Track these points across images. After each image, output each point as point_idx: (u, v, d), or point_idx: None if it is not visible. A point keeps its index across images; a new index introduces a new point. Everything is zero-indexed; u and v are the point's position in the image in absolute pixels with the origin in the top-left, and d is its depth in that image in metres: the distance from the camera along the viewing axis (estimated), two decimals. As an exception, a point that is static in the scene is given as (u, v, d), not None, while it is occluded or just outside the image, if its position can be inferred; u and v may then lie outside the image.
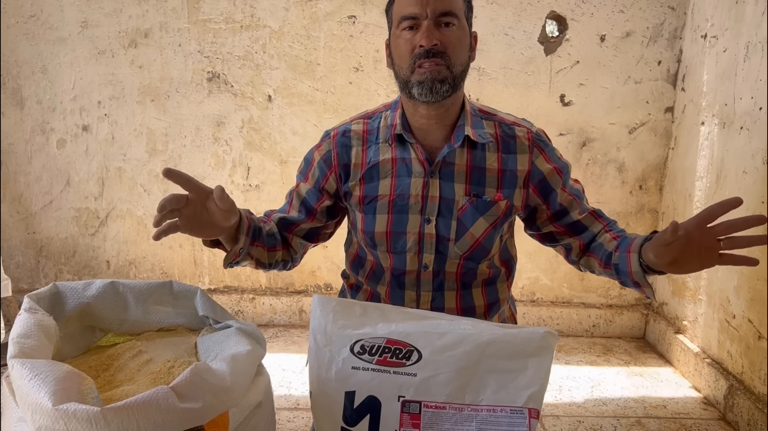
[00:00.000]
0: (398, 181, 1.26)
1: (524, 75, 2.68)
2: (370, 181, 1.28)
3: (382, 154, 1.27)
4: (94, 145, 2.75)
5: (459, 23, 1.17)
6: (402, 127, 1.24)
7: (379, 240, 1.28)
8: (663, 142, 2.74)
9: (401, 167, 1.26)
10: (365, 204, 1.28)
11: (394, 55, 1.22)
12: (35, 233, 2.83)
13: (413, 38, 1.15)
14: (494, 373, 0.99)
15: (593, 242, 1.32)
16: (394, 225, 1.26)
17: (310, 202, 1.33)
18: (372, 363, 0.97)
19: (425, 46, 1.13)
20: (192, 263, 2.86)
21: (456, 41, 1.16)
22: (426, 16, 1.13)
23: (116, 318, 1.11)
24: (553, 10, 2.62)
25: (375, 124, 1.30)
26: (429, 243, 1.26)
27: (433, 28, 1.14)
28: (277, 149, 2.74)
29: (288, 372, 2.34)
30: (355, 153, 1.29)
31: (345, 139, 1.30)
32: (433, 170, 1.24)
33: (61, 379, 0.80)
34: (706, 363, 2.27)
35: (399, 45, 1.18)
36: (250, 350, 0.98)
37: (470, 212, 1.24)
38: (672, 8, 2.61)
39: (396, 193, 1.25)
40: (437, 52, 1.13)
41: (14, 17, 2.62)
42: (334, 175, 1.31)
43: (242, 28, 2.65)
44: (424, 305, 1.29)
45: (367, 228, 1.28)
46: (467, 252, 1.26)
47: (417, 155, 1.24)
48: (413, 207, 1.25)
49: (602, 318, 2.86)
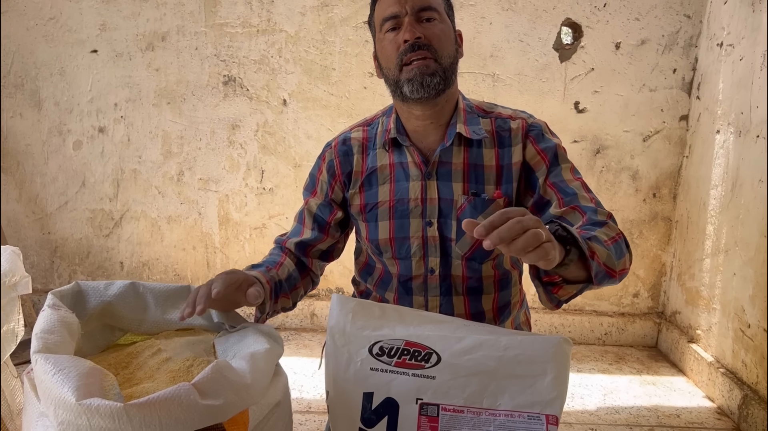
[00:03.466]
0: (397, 186, 1.25)
1: (539, 82, 2.68)
2: (369, 187, 1.27)
3: (380, 160, 1.27)
4: (110, 146, 2.77)
5: (440, 17, 1.17)
6: (396, 130, 1.24)
7: (383, 247, 1.27)
8: (677, 150, 2.73)
9: (399, 171, 1.25)
10: (367, 212, 1.28)
11: (381, 60, 1.21)
12: (50, 233, 2.85)
13: (397, 37, 1.15)
14: (513, 378, 0.99)
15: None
16: (397, 231, 1.25)
17: (322, 217, 1.32)
18: (391, 365, 0.97)
19: (409, 39, 1.12)
20: (205, 265, 2.87)
21: (440, 33, 1.15)
22: (406, 13, 1.14)
23: (135, 319, 1.12)
24: (568, 18, 2.62)
25: (374, 131, 1.30)
26: (433, 246, 1.24)
27: (415, 23, 1.14)
28: (291, 153, 2.76)
29: (300, 376, 2.34)
30: (356, 160, 1.29)
31: (346, 148, 1.30)
32: (429, 171, 1.22)
33: (84, 375, 0.80)
34: (720, 372, 2.25)
35: (384, 47, 1.18)
36: (269, 348, 0.98)
37: (469, 211, 1.21)
38: (688, 16, 2.61)
39: (395, 198, 1.25)
40: (422, 45, 1.13)
41: (33, 20, 2.65)
42: (339, 184, 1.30)
43: (259, 33, 2.66)
44: (432, 310, 1.27)
45: (371, 236, 1.28)
46: (468, 253, 1.24)
47: (413, 158, 1.23)
48: (414, 211, 1.24)
49: (614, 327, 2.84)
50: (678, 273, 2.73)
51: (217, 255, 2.87)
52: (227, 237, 2.85)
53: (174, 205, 2.82)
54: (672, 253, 2.80)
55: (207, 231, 2.85)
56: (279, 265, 1.26)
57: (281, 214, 2.83)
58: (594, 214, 1.14)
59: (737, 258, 2.24)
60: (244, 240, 2.85)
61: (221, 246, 2.86)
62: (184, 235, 2.85)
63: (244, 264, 2.87)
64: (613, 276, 1.05)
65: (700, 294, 2.50)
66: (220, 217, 2.83)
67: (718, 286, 2.36)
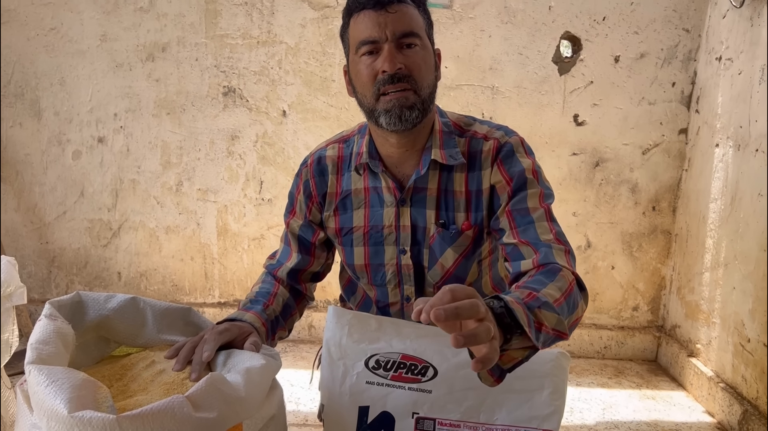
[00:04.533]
0: (371, 212, 1.21)
1: (538, 94, 2.68)
2: (344, 211, 1.24)
3: (354, 183, 1.22)
4: (109, 156, 2.77)
5: (422, 42, 1.09)
6: (369, 155, 1.18)
7: (360, 272, 1.25)
8: (676, 163, 2.73)
9: (373, 197, 1.21)
10: (342, 236, 1.25)
11: (355, 83, 1.13)
12: (48, 243, 2.85)
13: (374, 63, 1.07)
14: (510, 393, 0.98)
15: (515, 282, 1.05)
16: (371, 258, 1.22)
17: (306, 238, 1.28)
18: (387, 379, 0.97)
19: (389, 71, 1.04)
20: (203, 276, 2.87)
21: (421, 62, 1.08)
22: (386, 39, 1.05)
23: (131, 333, 1.11)
24: (567, 31, 2.63)
25: (349, 150, 1.24)
26: (407, 274, 1.22)
27: (395, 51, 1.05)
28: (291, 163, 2.76)
29: (296, 388, 2.33)
30: (330, 181, 1.24)
31: (321, 167, 1.25)
32: (404, 198, 1.17)
33: (77, 387, 0.79)
34: (720, 387, 2.24)
35: (359, 72, 1.09)
36: (264, 364, 0.97)
37: (438, 242, 1.17)
38: (686, 30, 2.62)
39: (370, 224, 1.21)
40: (402, 76, 1.05)
41: (35, 30, 2.66)
42: (315, 205, 1.26)
43: (259, 44, 2.67)
44: None
45: (348, 261, 1.26)
46: (440, 282, 1.20)
47: (387, 184, 1.18)
48: (388, 238, 1.20)
49: (614, 340, 2.83)
50: (678, 286, 2.72)
51: (215, 265, 2.86)
52: (225, 247, 2.85)
53: (172, 215, 2.82)
54: (671, 267, 2.79)
55: (205, 242, 2.84)
56: (273, 296, 1.24)
57: (280, 224, 2.81)
58: (548, 253, 1.04)
59: (737, 272, 2.23)
60: (243, 250, 2.85)
61: (219, 257, 2.85)
62: (183, 246, 2.85)
63: (241, 275, 2.86)
64: (564, 338, 0.94)
65: (699, 308, 2.49)
66: (219, 228, 2.83)
67: (718, 300, 2.35)
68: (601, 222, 2.78)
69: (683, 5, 2.61)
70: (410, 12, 1.08)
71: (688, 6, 2.61)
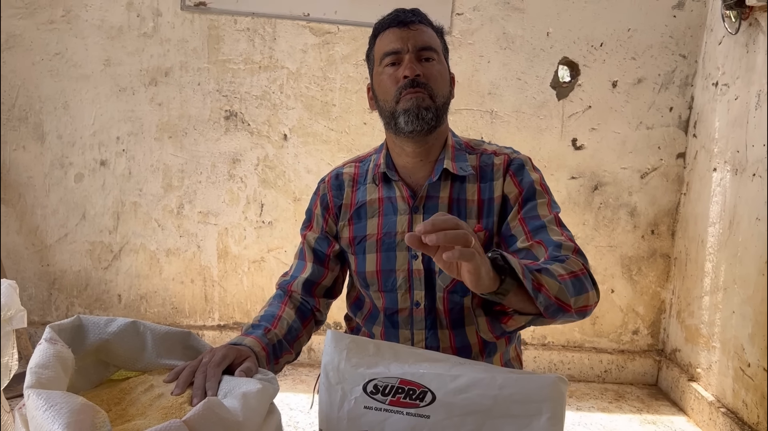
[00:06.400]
0: (385, 220, 1.28)
1: (536, 119, 2.71)
2: (359, 220, 1.30)
3: (369, 194, 1.31)
4: (111, 179, 2.79)
5: (438, 58, 1.23)
6: (386, 165, 1.28)
7: (370, 279, 1.28)
8: (675, 187, 2.74)
9: (387, 206, 1.28)
10: (355, 244, 1.30)
11: (378, 93, 1.26)
12: (49, 266, 2.85)
13: (396, 72, 1.20)
14: (508, 418, 0.98)
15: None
16: (383, 264, 1.27)
17: (321, 250, 1.34)
18: (385, 403, 0.97)
19: (409, 75, 1.18)
20: (203, 299, 2.87)
21: (437, 74, 1.22)
22: (408, 50, 1.20)
23: (131, 357, 1.11)
24: (565, 56, 2.67)
25: (365, 167, 1.34)
26: (418, 279, 1.25)
27: (415, 61, 1.20)
28: (291, 187, 2.77)
29: (296, 412, 2.32)
30: (346, 194, 1.33)
31: (338, 182, 1.35)
32: (417, 205, 1.26)
33: (76, 411, 0.80)
34: (721, 412, 2.22)
35: (383, 81, 1.23)
36: (261, 388, 0.97)
37: None
38: (683, 56, 2.65)
39: (383, 232, 1.27)
40: (420, 83, 1.18)
41: (39, 55, 2.69)
42: (332, 217, 1.34)
43: (260, 69, 2.71)
44: (418, 344, 1.27)
45: (359, 269, 1.30)
46: (449, 285, 1.24)
47: (401, 193, 1.27)
48: (400, 244, 1.26)
49: (614, 364, 2.82)
50: (677, 310, 2.72)
51: (215, 288, 2.86)
52: (226, 270, 2.85)
53: (173, 237, 2.83)
54: (671, 290, 2.79)
55: (206, 265, 2.85)
56: (278, 320, 1.25)
57: (280, 247, 2.83)
58: (557, 249, 1.14)
59: (736, 296, 2.23)
60: (243, 273, 2.85)
61: (219, 280, 2.86)
62: (183, 268, 2.85)
63: (241, 298, 2.86)
64: (568, 311, 1.03)
65: (699, 332, 2.49)
66: (219, 250, 2.84)
67: (718, 324, 2.35)
68: (600, 245, 2.79)
69: (679, 32, 2.65)
70: (429, 32, 1.25)
71: (685, 32, 2.65)
